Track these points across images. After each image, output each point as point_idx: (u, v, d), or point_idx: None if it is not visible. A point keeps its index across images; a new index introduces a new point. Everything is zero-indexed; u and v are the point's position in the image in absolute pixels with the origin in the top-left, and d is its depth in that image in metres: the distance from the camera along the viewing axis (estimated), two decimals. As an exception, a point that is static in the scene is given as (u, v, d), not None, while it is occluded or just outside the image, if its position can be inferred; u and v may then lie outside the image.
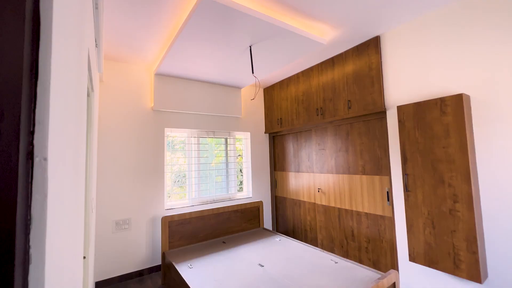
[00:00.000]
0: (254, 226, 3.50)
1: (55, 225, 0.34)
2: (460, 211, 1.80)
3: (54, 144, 0.32)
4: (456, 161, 1.82)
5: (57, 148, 0.35)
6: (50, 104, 0.29)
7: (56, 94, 0.33)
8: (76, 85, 0.61)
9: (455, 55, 2.01)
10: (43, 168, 0.28)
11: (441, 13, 2.09)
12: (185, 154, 3.44)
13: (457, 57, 2.00)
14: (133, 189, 2.90)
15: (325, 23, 2.26)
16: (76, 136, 0.61)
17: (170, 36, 2.38)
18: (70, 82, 0.48)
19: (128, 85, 2.98)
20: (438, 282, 2.08)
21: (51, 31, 0.31)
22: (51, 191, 0.30)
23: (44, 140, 0.28)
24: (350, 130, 2.88)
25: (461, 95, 1.81)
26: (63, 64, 0.39)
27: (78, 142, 0.66)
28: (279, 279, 2.03)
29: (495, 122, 1.80)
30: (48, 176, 0.29)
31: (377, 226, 2.59)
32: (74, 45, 0.53)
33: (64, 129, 0.40)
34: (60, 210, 0.39)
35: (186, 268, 2.30)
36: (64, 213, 0.43)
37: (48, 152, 0.29)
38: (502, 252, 1.75)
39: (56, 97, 0.33)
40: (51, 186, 0.30)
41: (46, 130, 0.29)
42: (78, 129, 0.65)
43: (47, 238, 0.29)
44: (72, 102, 0.53)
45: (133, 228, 2.86)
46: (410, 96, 2.29)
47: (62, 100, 0.39)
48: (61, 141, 0.38)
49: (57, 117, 0.34)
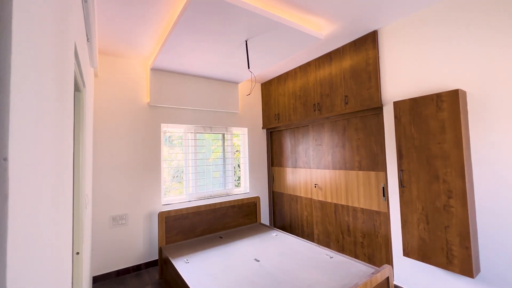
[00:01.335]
0: (251, 221, 3.52)
1: (22, 225, 0.34)
2: (454, 207, 1.81)
3: (18, 144, 0.31)
4: (451, 157, 1.82)
5: (24, 148, 0.34)
6: (10, 103, 0.29)
7: (20, 92, 0.32)
8: (56, 82, 0.59)
9: (452, 51, 1.99)
10: (3, 169, 0.27)
11: (438, 9, 2.06)
12: (182, 150, 3.43)
13: (454, 53, 1.98)
14: (130, 185, 2.90)
15: (322, 17, 2.23)
16: (57, 134, 0.61)
17: (165, 30, 2.35)
18: (43, 79, 0.46)
19: (124, 80, 2.96)
20: (431, 276, 2.10)
21: (10, 27, 0.30)
22: (13, 191, 0.30)
23: (4, 140, 0.27)
24: (347, 126, 2.87)
25: (457, 90, 1.80)
26: (32, 60, 0.38)
27: (61, 140, 0.66)
28: (275, 273, 2.05)
29: (490, 118, 1.79)
30: (9, 176, 0.28)
31: (372, 221, 2.60)
32: (50, 41, 0.52)
33: (35, 128, 0.39)
34: (30, 210, 0.38)
35: (183, 263, 2.32)
36: (38, 212, 0.43)
37: (8, 152, 0.28)
38: (494, 247, 1.76)
39: (20, 96, 0.32)
40: (13, 186, 0.30)
41: (6, 130, 0.28)
42: (60, 127, 0.64)
43: (9, 238, 0.28)
44: (50, 99, 0.52)
45: (130, 224, 2.88)
46: (407, 92, 2.27)
47: (31, 98, 0.38)
48: (30, 140, 0.37)
49: (22, 116, 0.33)
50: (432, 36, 2.11)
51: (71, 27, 0.84)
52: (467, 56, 1.90)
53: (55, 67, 0.57)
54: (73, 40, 0.89)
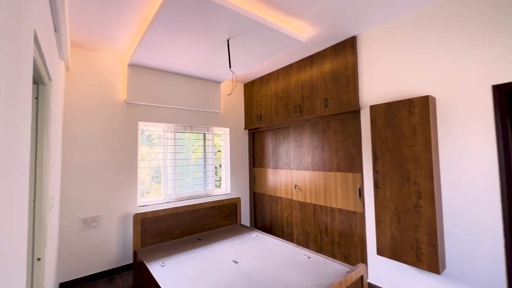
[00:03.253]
0: (231, 222, 3.49)
1: None
2: (423, 207, 1.90)
3: None
4: (421, 159, 1.91)
5: None
6: None
7: None
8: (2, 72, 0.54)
9: (422, 59, 2.09)
10: None
11: (411, 18, 2.17)
12: (161, 149, 3.32)
13: (424, 60, 2.08)
14: (104, 186, 2.76)
15: (304, 21, 2.26)
16: (4, 131, 0.55)
17: (143, 25, 2.26)
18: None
19: (99, 75, 2.81)
20: (402, 274, 2.20)
21: None
22: None
23: None
24: (326, 128, 2.93)
25: (427, 96, 1.89)
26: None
27: (10, 137, 0.60)
28: (252, 275, 2.04)
29: (456, 123, 1.91)
30: None
31: (349, 221, 2.68)
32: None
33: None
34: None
35: (158, 266, 2.24)
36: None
37: None
38: (458, 245, 1.88)
39: None
40: None
41: None
42: (9, 123, 0.59)
43: None
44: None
45: (103, 226, 2.74)
46: (383, 96, 2.36)
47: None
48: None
49: None
50: (405, 44, 2.21)
51: (30, 13, 0.77)
52: (436, 63, 2.02)
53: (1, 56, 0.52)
54: (33, 28, 0.82)
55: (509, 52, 1.68)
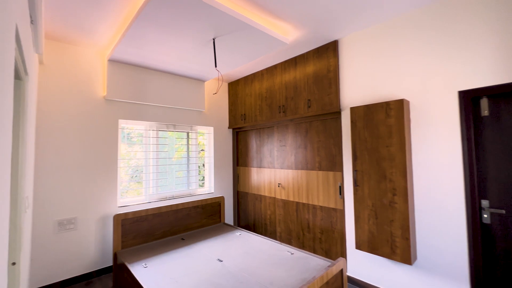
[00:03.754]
0: (215, 221, 3.48)
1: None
2: (397, 203, 2.04)
3: None
4: (396, 159, 2.05)
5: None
6: None
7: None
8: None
9: (398, 64, 2.24)
10: None
11: (388, 26, 2.31)
12: (143, 148, 3.24)
13: (400, 66, 2.23)
14: (81, 186, 2.64)
15: (289, 23, 2.32)
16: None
17: (126, 18, 2.19)
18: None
19: (76, 70, 2.68)
20: (378, 266, 2.34)
21: None
22: None
23: None
24: (309, 128, 3.03)
25: (402, 100, 2.03)
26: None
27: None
28: (237, 272, 2.07)
29: (427, 125, 2.06)
30: None
31: (330, 218, 2.79)
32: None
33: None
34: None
35: (140, 267, 2.19)
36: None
37: None
38: (428, 237, 2.04)
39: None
40: None
41: None
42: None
43: None
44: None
45: (80, 228, 2.62)
46: (362, 99, 2.49)
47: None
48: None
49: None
50: (383, 50, 2.34)
51: (12, 6, 0.74)
52: (410, 70, 2.17)
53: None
54: (14, 22, 0.78)
55: (472, 62, 1.86)
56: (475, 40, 1.84)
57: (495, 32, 1.77)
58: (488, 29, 1.79)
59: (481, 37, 1.82)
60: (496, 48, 1.76)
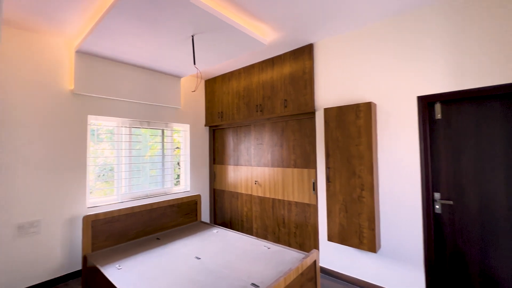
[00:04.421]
0: (191, 220, 3.45)
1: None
2: (365, 197, 2.23)
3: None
4: (364, 157, 2.23)
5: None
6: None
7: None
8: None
9: (367, 69, 2.43)
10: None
11: (358, 34, 2.49)
12: (114, 146, 3.09)
13: (369, 71, 2.42)
14: (44, 186, 2.45)
15: (267, 25, 2.38)
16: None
17: (100, 8, 2.07)
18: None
19: (40, 60, 2.47)
20: (348, 256, 2.53)
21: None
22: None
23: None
24: (285, 127, 3.14)
25: (370, 103, 2.21)
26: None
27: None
28: (215, 268, 2.10)
29: (391, 126, 2.28)
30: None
31: (304, 213, 2.94)
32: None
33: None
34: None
35: (114, 269, 2.12)
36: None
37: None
38: (390, 227, 2.26)
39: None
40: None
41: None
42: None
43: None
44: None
45: (44, 231, 2.44)
46: (335, 100, 2.65)
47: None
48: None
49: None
50: (354, 55, 2.52)
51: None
52: (377, 75, 2.37)
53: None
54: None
55: (428, 70, 2.09)
56: (430, 52, 2.08)
57: (445, 45, 2.01)
58: (440, 42, 2.04)
59: (435, 49, 2.06)
60: (447, 59, 2.01)
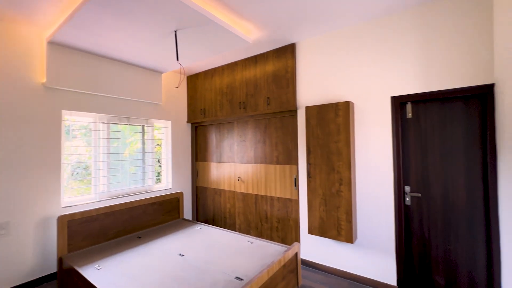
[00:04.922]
0: (173, 217, 3.42)
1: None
2: (343, 192, 2.35)
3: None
4: (343, 153, 2.35)
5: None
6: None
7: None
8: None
9: (346, 70, 2.55)
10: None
11: (338, 35, 2.59)
12: (90, 142, 2.96)
13: (347, 72, 2.54)
14: (13, 185, 2.30)
15: (251, 23, 2.41)
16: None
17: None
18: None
19: (7, 50, 2.29)
20: (327, 247, 2.66)
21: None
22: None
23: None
24: (268, 124, 3.20)
25: (348, 102, 2.33)
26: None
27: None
28: (199, 264, 2.11)
29: (367, 124, 2.42)
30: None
31: (286, 208, 3.03)
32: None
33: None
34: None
35: (93, 270, 2.06)
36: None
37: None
38: (365, 219, 2.41)
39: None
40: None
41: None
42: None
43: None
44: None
45: (13, 233, 2.29)
46: (316, 99, 2.75)
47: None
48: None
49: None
50: (334, 55, 2.63)
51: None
52: (355, 75, 2.49)
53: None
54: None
55: (400, 72, 2.24)
56: (403, 55, 2.23)
57: (415, 50, 2.17)
58: (411, 47, 2.19)
59: (406, 53, 2.22)
60: (416, 63, 2.17)
